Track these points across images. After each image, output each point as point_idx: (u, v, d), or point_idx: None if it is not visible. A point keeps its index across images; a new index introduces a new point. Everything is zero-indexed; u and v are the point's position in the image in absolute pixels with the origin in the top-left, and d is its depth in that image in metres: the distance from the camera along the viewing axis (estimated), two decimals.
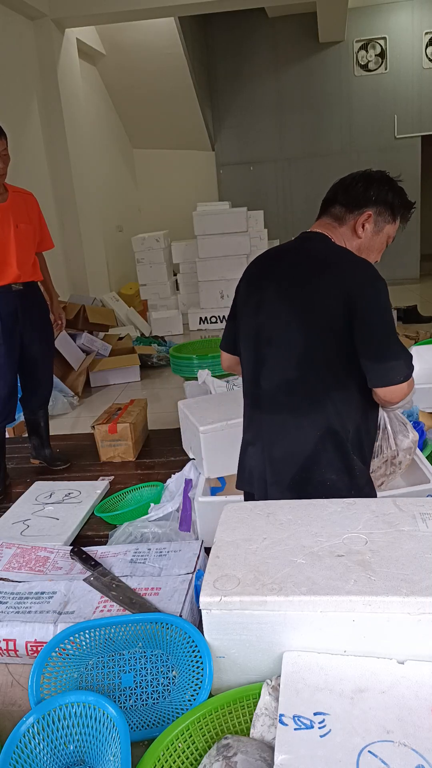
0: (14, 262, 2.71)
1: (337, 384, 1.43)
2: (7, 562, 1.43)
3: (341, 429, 1.45)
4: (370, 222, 1.51)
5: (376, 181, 1.52)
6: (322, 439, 1.44)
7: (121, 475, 2.90)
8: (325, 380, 1.43)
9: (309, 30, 8.07)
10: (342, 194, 1.53)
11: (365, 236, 1.52)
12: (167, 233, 7.35)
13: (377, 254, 1.58)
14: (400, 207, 1.53)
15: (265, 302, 1.50)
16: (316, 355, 1.42)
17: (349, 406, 1.45)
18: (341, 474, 1.45)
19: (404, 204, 1.54)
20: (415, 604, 0.90)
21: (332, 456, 1.45)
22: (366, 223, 1.50)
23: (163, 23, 6.79)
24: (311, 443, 1.45)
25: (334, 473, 1.45)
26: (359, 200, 1.50)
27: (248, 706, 0.94)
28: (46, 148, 5.93)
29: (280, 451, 1.49)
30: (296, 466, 1.47)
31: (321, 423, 1.44)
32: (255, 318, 1.53)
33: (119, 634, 1.08)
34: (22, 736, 0.89)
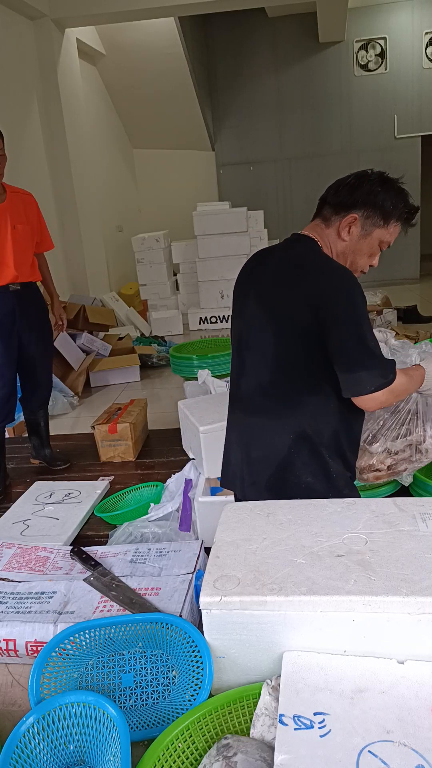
0: (11, 263, 2.71)
1: (310, 389, 1.43)
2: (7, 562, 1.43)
3: (315, 433, 1.45)
4: (356, 225, 1.46)
5: (369, 182, 1.47)
6: (296, 442, 1.46)
7: (121, 475, 2.90)
8: (299, 385, 1.44)
9: (309, 30, 8.07)
10: (332, 195, 1.50)
11: (350, 240, 1.47)
12: (167, 233, 7.35)
13: (368, 259, 1.52)
14: (394, 210, 1.47)
15: (246, 306, 1.53)
16: (288, 361, 1.44)
17: (325, 411, 1.45)
18: (317, 477, 1.47)
19: (401, 207, 1.47)
20: (415, 604, 0.90)
21: (307, 459, 1.46)
22: (352, 226, 1.46)
23: (163, 23, 6.79)
24: (285, 446, 1.47)
25: (310, 476, 1.47)
26: (345, 202, 1.46)
27: (248, 706, 0.94)
28: (46, 148, 5.93)
29: (257, 453, 1.52)
30: (272, 467, 1.49)
31: (294, 427, 1.46)
32: (238, 321, 1.57)
33: (119, 634, 1.08)
34: (22, 736, 0.89)
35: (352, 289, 1.38)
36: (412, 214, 1.50)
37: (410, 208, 1.49)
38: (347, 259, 1.50)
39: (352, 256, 1.49)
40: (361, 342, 1.36)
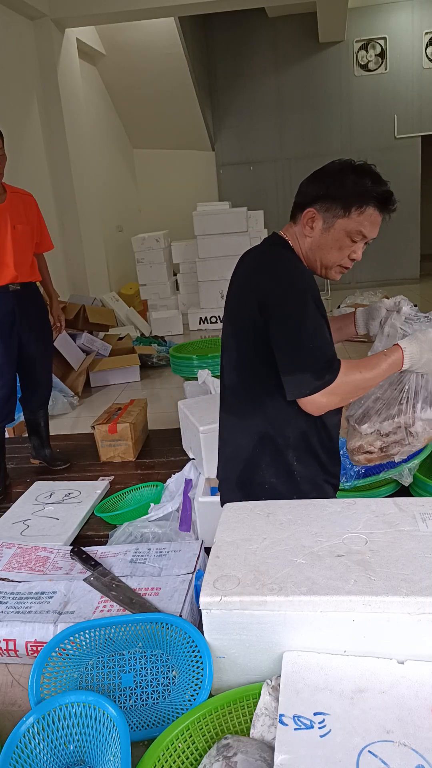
0: (11, 263, 2.71)
1: (271, 391, 1.42)
2: (7, 562, 1.43)
3: (278, 435, 1.45)
4: (317, 220, 1.39)
5: (325, 174, 1.41)
6: (260, 443, 1.47)
7: (121, 475, 2.90)
8: (261, 386, 1.44)
9: (309, 30, 8.08)
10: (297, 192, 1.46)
11: (314, 236, 1.41)
12: (167, 233, 7.36)
13: (338, 253, 1.41)
14: (354, 197, 1.35)
15: (226, 307, 1.55)
16: (248, 363, 1.45)
17: (288, 413, 1.42)
18: (281, 478, 1.48)
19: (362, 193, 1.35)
20: (415, 604, 0.90)
21: (270, 460, 1.47)
22: (312, 221, 1.40)
23: (163, 23, 6.79)
24: (250, 446, 1.49)
25: (274, 476, 1.48)
26: (304, 197, 1.42)
27: (248, 706, 0.94)
28: (46, 148, 5.93)
29: (228, 450, 1.56)
30: (240, 466, 1.52)
31: (258, 427, 1.47)
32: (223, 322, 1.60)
33: (119, 634, 1.08)
34: (22, 736, 0.89)
35: (290, 287, 1.35)
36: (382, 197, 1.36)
37: (377, 192, 1.36)
38: (316, 256, 1.43)
39: (319, 252, 1.42)
40: (299, 341, 1.32)
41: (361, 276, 9.00)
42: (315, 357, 1.31)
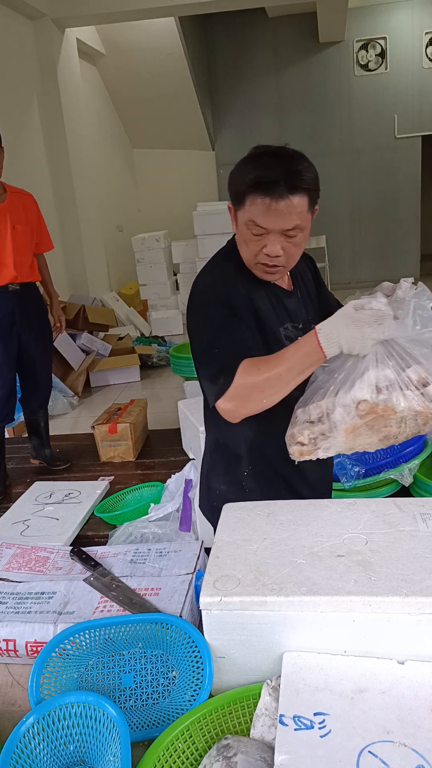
0: (11, 263, 2.71)
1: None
2: (7, 562, 1.43)
3: (229, 442, 1.45)
4: (232, 214, 1.31)
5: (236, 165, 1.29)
6: (214, 450, 1.50)
7: (121, 475, 2.90)
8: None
9: (309, 30, 8.08)
10: None
11: (236, 234, 1.33)
12: (167, 233, 7.36)
13: (246, 247, 1.29)
14: (240, 187, 1.24)
15: None
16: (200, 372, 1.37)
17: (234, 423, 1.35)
18: (231, 486, 1.49)
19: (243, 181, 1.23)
20: (416, 605, 0.90)
21: (222, 468, 1.49)
22: (234, 217, 1.31)
23: (163, 23, 6.79)
24: (208, 453, 1.53)
25: (225, 484, 1.49)
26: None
27: (248, 706, 0.94)
28: (46, 148, 5.93)
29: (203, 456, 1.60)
30: (204, 471, 1.57)
31: (212, 435, 1.49)
32: None
33: (119, 634, 1.08)
34: (22, 736, 0.89)
35: (197, 295, 1.32)
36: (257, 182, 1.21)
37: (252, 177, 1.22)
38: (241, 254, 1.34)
39: (240, 247, 1.33)
40: (197, 351, 1.29)
41: (361, 276, 9.00)
42: (210, 364, 1.25)
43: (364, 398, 1.12)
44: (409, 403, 1.12)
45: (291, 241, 1.26)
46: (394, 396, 1.12)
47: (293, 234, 1.24)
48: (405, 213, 8.82)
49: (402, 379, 1.13)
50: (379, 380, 1.13)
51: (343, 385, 1.16)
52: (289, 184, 1.19)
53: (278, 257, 1.26)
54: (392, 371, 1.13)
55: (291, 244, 1.26)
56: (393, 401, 1.12)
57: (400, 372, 1.13)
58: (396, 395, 1.12)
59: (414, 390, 1.12)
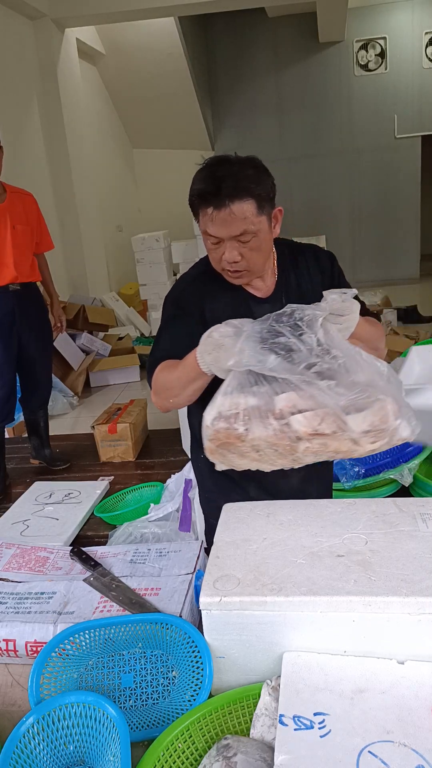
0: (11, 263, 2.71)
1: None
2: (7, 562, 1.43)
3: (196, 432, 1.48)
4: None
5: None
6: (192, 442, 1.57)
7: (121, 475, 2.90)
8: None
9: (309, 30, 8.08)
10: None
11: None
12: (167, 233, 7.36)
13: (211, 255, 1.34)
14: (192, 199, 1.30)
15: None
16: None
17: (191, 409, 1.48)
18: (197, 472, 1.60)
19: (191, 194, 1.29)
20: (416, 605, 0.90)
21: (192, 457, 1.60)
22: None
23: (163, 23, 6.79)
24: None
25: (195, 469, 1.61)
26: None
27: (248, 706, 0.94)
28: (46, 148, 5.93)
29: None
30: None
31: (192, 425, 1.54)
32: None
33: (119, 634, 1.08)
34: (22, 736, 0.89)
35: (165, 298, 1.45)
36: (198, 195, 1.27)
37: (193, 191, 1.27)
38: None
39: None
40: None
41: (361, 276, 9.00)
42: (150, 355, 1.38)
43: (206, 424, 1.08)
44: (258, 433, 1.03)
45: (247, 246, 1.28)
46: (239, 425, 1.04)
47: (246, 239, 1.26)
48: (405, 213, 8.81)
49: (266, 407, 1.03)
50: (225, 407, 1.06)
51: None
52: (226, 192, 1.22)
53: (237, 263, 1.29)
54: (255, 398, 1.04)
55: (248, 249, 1.28)
56: (237, 430, 1.04)
57: (269, 399, 1.03)
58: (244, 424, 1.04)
59: (273, 419, 1.02)
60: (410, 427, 1.02)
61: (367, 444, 1.00)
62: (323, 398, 0.99)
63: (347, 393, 1.01)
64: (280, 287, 1.43)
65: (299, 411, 1.01)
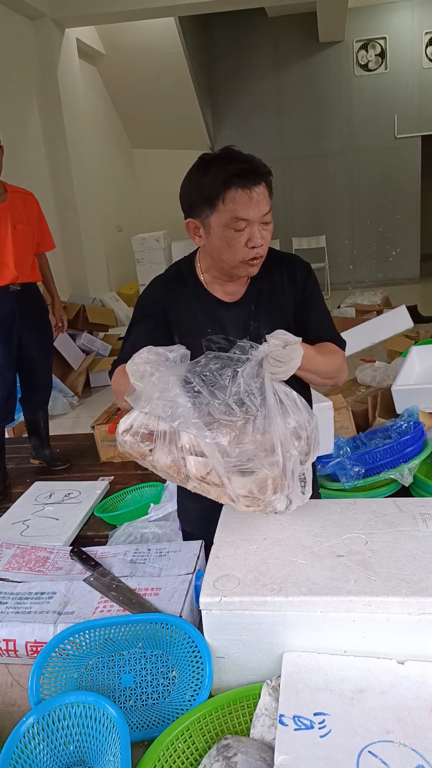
0: (11, 263, 2.71)
1: None
2: (7, 562, 1.43)
3: None
4: (198, 227, 1.31)
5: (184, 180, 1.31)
6: None
7: (121, 475, 2.89)
8: None
9: (309, 30, 8.08)
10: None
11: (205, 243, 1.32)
12: (167, 233, 7.36)
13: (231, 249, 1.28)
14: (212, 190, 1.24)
15: None
16: None
17: None
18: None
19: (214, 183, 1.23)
20: (416, 605, 0.90)
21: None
22: (197, 229, 1.32)
23: (163, 23, 6.79)
24: None
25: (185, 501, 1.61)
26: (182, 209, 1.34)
27: (248, 706, 0.94)
28: (46, 148, 5.93)
29: None
30: None
31: None
32: None
33: (119, 634, 1.08)
34: (22, 736, 0.89)
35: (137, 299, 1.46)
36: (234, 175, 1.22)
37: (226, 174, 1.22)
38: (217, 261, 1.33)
39: (217, 256, 1.31)
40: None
41: (361, 276, 9.00)
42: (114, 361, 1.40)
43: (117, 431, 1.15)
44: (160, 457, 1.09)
45: (267, 228, 1.29)
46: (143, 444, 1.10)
47: (268, 220, 1.28)
48: (405, 213, 8.81)
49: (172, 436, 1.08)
50: (137, 423, 1.10)
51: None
52: (257, 171, 1.25)
53: (262, 246, 1.29)
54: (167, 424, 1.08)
55: (267, 232, 1.29)
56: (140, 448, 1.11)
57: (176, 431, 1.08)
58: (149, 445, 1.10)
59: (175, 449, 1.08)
60: (286, 502, 1.07)
61: (242, 506, 1.06)
62: (212, 457, 1.04)
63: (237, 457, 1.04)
64: (250, 293, 1.40)
65: (200, 452, 1.06)
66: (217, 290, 1.40)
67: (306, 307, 1.42)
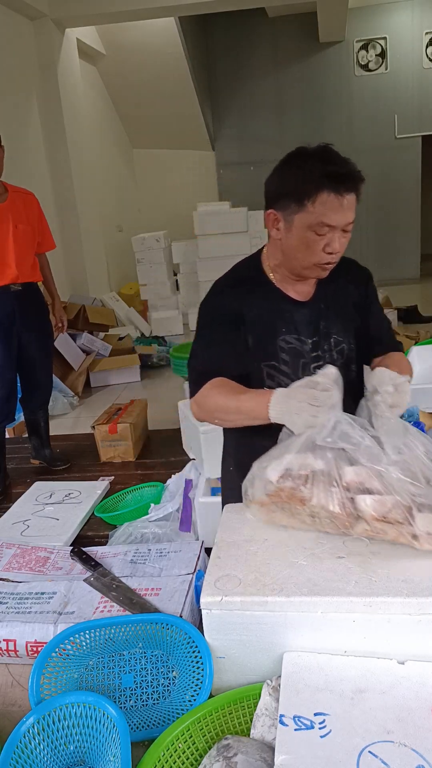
0: (12, 263, 2.71)
1: None
2: (7, 562, 1.43)
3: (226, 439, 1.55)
4: (279, 220, 1.27)
5: (276, 168, 1.27)
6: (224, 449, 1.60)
7: (121, 475, 2.89)
8: None
9: (309, 30, 8.07)
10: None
11: (282, 237, 1.28)
12: (167, 233, 7.35)
13: (308, 251, 1.25)
14: (304, 186, 1.20)
15: None
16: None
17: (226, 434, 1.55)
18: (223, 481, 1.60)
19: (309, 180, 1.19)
20: (417, 605, 0.90)
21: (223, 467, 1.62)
22: (276, 222, 1.28)
23: (163, 23, 6.79)
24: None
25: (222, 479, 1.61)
26: (265, 197, 1.29)
27: (248, 706, 0.94)
28: (46, 148, 5.93)
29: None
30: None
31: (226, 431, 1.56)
32: None
33: (119, 634, 1.08)
34: (22, 736, 0.89)
35: (203, 300, 1.41)
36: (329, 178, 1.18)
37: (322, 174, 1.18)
38: (290, 258, 1.30)
39: (291, 253, 1.28)
40: (191, 351, 1.38)
41: None
42: (192, 367, 1.36)
43: (270, 480, 1.07)
44: (322, 501, 1.02)
45: (345, 236, 1.26)
46: (304, 488, 1.03)
47: (349, 228, 1.25)
48: (405, 213, 8.81)
49: (332, 475, 1.02)
50: (294, 467, 1.04)
51: (273, 458, 1.10)
52: (353, 177, 1.20)
53: (338, 253, 1.26)
54: (324, 463, 1.03)
55: (345, 239, 1.26)
56: (302, 492, 1.03)
57: (335, 467, 1.02)
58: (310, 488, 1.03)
59: (339, 490, 1.01)
60: None
61: (425, 543, 0.98)
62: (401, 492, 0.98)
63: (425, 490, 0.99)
64: (320, 293, 1.39)
65: (366, 489, 1.00)
66: (288, 289, 1.38)
67: (366, 310, 1.45)
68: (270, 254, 1.37)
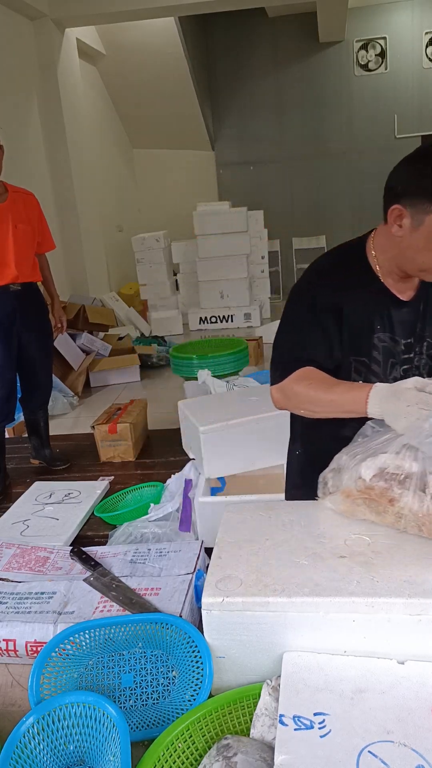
0: (12, 263, 2.71)
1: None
2: (7, 562, 1.43)
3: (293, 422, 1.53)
4: (404, 216, 1.20)
5: (410, 162, 1.20)
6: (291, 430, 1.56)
7: (121, 475, 2.89)
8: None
9: (309, 30, 8.08)
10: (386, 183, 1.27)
11: (404, 234, 1.21)
12: (167, 233, 7.35)
13: (427, 253, 1.20)
14: None
15: None
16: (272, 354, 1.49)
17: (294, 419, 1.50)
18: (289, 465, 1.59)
19: None
20: (419, 606, 0.90)
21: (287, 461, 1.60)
22: (401, 218, 1.21)
23: (163, 23, 6.79)
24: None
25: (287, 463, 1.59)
26: (389, 191, 1.23)
27: (248, 706, 0.94)
28: (46, 148, 5.93)
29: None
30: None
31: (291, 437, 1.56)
32: None
33: (119, 634, 1.08)
34: (22, 736, 0.89)
35: (296, 284, 1.38)
36: None
37: None
38: (407, 257, 1.24)
39: (411, 253, 1.22)
40: (277, 338, 1.35)
41: None
42: (279, 353, 1.33)
43: (363, 477, 1.08)
44: (410, 504, 1.03)
45: None
46: (397, 489, 1.04)
47: None
48: None
49: (424, 478, 1.03)
50: (390, 467, 1.05)
51: (366, 454, 1.10)
52: None
53: None
54: (420, 465, 1.03)
55: None
56: (393, 493, 1.04)
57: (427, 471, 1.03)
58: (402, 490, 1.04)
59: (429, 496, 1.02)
60: None
61: None
62: None
63: None
64: (422, 293, 1.35)
65: None
66: (390, 284, 1.32)
67: None
68: (379, 246, 1.31)
